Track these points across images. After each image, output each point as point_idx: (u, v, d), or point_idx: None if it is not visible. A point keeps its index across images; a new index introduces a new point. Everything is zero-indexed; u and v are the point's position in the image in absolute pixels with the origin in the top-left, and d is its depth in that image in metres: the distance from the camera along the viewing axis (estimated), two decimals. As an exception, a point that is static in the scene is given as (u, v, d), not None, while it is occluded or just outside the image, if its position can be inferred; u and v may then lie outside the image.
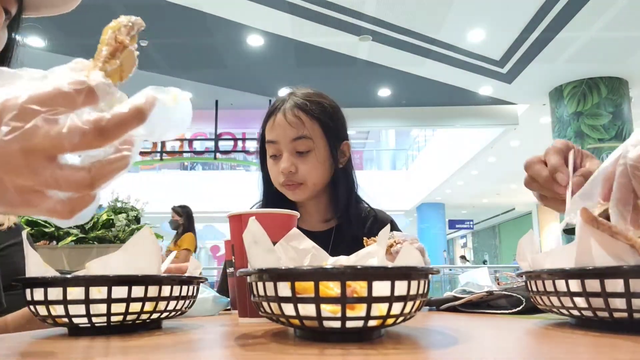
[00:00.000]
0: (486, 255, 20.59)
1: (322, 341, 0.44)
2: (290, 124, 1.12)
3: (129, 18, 0.41)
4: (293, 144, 1.12)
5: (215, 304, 0.93)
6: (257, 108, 7.81)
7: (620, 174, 0.52)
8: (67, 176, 0.35)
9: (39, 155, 0.33)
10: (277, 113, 1.14)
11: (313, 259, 0.57)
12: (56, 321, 0.54)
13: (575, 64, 6.16)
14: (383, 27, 5.55)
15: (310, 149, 1.13)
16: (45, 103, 0.33)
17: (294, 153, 1.13)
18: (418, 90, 7.36)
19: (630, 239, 0.45)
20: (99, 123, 0.34)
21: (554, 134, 6.74)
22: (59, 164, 0.34)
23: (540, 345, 0.44)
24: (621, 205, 0.52)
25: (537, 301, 0.56)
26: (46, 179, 0.34)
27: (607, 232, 0.47)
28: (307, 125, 1.13)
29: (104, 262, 0.59)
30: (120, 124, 0.35)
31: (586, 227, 0.48)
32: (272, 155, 1.15)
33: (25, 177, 0.34)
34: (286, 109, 1.13)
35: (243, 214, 0.73)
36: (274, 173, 1.16)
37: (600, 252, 0.48)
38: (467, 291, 0.86)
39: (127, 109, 0.35)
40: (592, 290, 0.46)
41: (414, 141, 15.54)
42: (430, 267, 0.45)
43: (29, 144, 0.33)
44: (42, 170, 0.34)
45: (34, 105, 0.33)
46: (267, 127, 1.16)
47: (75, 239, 2.10)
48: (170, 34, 5.81)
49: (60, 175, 0.34)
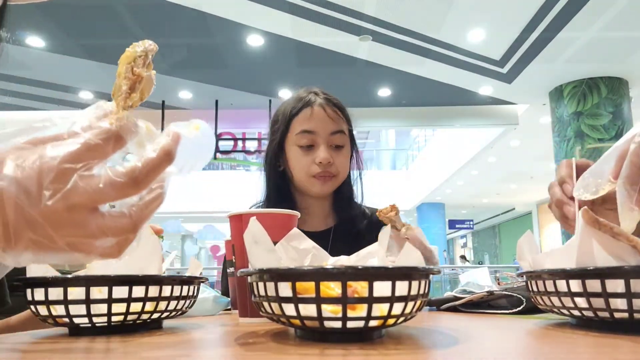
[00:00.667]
0: (486, 255, 20.59)
1: (322, 341, 0.44)
2: (330, 117, 1.15)
3: (143, 45, 0.42)
4: (331, 137, 1.15)
5: (215, 304, 0.93)
6: (257, 108, 7.80)
7: (632, 152, 0.51)
8: (111, 225, 0.37)
9: (82, 210, 0.36)
10: (313, 106, 1.16)
11: (314, 259, 0.57)
12: (57, 321, 0.54)
13: (575, 64, 6.16)
14: (383, 27, 5.54)
15: (344, 144, 1.18)
16: (79, 159, 0.35)
17: (330, 146, 1.16)
18: (418, 90, 7.36)
19: (632, 240, 0.45)
20: (133, 174, 0.36)
21: (554, 134, 6.74)
22: (102, 213, 0.37)
23: (540, 345, 0.44)
24: (628, 184, 0.51)
25: (538, 301, 0.56)
26: (92, 231, 0.36)
27: (608, 232, 0.47)
28: (342, 122, 1.18)
29: (105, 262, 0.59)
30: (152, 170, 0.37)
31: (587, 228, 0.48)
32: (305, 146, 1.15)
33: (73, 231, 0.36)
34: (323, 103, 1.16)
35: (244, 214, 0.73)
36: (304, 163, 1.15)
37: (602, 253, 0.48)
38: (467, 291, 0.86)
39: (156, 154, 0.37)
40: (593, 291, 0.46)
41: (414, 141, 15.53)
42: (431, 267, 0.45)
43: (71, 202, 0.35)
44: (87, 223, 0.36)
45: (68, 164, 0.35)
46: (301, 118, 1.16)
47: (76, 239, 2.10)
48: (170, 34, 5.81)
49: (104, 224, 0.37)
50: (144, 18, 5.45)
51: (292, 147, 1.17)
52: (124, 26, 5.50)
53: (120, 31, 5.63)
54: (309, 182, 1.16)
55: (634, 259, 0.46)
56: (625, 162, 0.51)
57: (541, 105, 7.26)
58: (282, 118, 1.19)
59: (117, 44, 6.03)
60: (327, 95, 1.20)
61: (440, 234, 14.82)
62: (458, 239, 24.32)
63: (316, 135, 1.15)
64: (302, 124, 1.15)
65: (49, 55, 6.10)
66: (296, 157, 1.16)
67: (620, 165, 0.53)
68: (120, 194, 0.36)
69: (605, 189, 0.54)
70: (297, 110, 1.17)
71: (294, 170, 1.18)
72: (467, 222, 17.89)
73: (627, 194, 0.50)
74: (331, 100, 1.19)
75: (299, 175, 1.17)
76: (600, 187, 0.54)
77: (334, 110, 1.17)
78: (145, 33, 5.73)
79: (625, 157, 0.52)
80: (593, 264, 0.48)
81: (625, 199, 0.50)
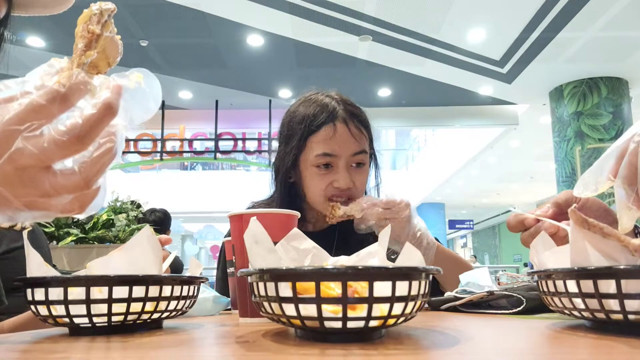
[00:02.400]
0: (486, 255, 20.59)
1: (323, 341, 0.44)
2: (354, 137, 1.06)
3: (99, 4, 0.42)
4: (352, 158, 1.06)
5: (215, 304, 0.93)
6: (257, 108, 7.80)
7: (631, 152, 0.50)
8: (63, 183, 0.37)
9: (32, 170, 0.36)
10: (335, 123, 1.05)
11: (314, 259, 0.57)
12: (57, 321, 0.54)
13: (576, 64, 6.16)
14: (383, 27, 5.54)
15: (365, 162, 1.10)
16: (23, 121, 0.36)
17: (350, 166, 1.07)
18: (418, 90, 7.36)
19: (622, 240, 0.45)
20: (74, 131, 0.36)
21: (554, 134, 6.74)
22: (54, 172, 0.37)
23: (541, 345, 0.44)
24: (627, 184, 0.50)
25: (547, 302, 0.54)
26: (46, 190, 0.37)
27: (598, 233, 0.47)
28: (365, 140, 1.09)
29: (105, 262, 0.59)
30: (94, 125, 0.37)
31: (578, 229, 0.48)
32: (322, 165, 1.05)
33: (27, 191, 0.37)
34: (346, 118, 1.06)
35: (244, 214, 0.73)
36: (321, 184, 1.06)
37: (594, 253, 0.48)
38: (467, 291, 0.85)
39: (97, 109, 0.37)
40: (588, 291, 0.45)
41: (414, 141, 15.53)
42: (432, 267, 0.45)
43: (19, 163, 0.36)
44: (39, 183, 0.37)
45: (13, 126, 0.35)
46: (321, 138, 1.05)
47: (75, 239, 2.10)
48: (170, 34, 5.81)
49: (56, 183, 0.37)
50: (144, 18, 5.45)
51: (309, 166, 1.07)
52: (124, 26, 5.50)
53: (121, 31, 5.60)
54: (324, 205, 1.07)
55: (625, 258, 0.46)
56: (624, 161, 0.51)
57: (541, 105, 7.26)
58: (299, 131, 1.07)
59: (117, 44, 6.04)
60: (347, 103, 1.09)
61: (440, 234, 14.82)
62: (458, 239, 24.32)
63: (337, 157, 1.05)
64: (322, 145, 1.04)
65: (49, 55, 6.09)
66: (312, 177, 1.07)
67: (619, 163, 0.52)
68: (66, 152, 0.36)
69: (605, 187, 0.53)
70: (317, 125, 1.05)
71: (309, 191, 1.09)
72: (467, 222, 17.89)
73: (625, 193, 0.50)
74: (355, 113, 1.08)
75: (314, 196, 1.08)
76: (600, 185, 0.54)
77: (357, 127, 1.06)
78: (145, 33, 5.73)
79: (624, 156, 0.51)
80: (587, 264, 0.48)
81: (623, 198, 0.50)
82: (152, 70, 0.90)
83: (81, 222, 2.18)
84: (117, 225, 2.21)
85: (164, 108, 7.71)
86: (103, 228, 2.18)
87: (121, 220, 2.21)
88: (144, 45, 5.99)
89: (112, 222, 2.21)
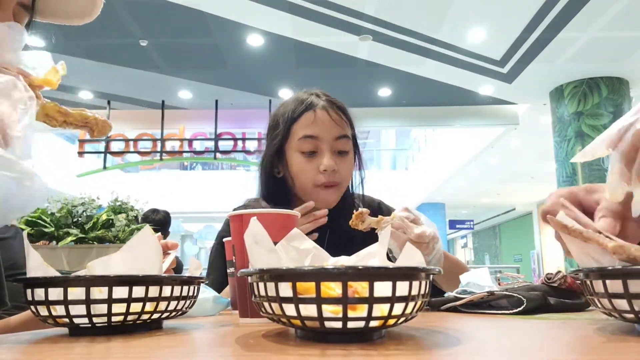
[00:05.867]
0: (486, 255, 20.59)
1: (323, 342, 0.44)
2: (335, 121, 1.10)
3: None
4: (335, 142, 1.10)
5: (215, 304, 0.93)
6: (257, 108, 7.80)
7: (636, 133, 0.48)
8: None
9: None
10: (315, 109, 1.10)
11: (314, 259, 0.57)
12: (57, 321, 0.54)
13: (576, 64, 6.16)
14: (383, 27, 5.54)
15: (348, 150, 1.13)
16: None
17: (334, 152, 1.11)
18: (418, 90, 7.36)
19: (602, 243, 0.45)
20: None
21: (555, 133, 6.74)
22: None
23: (540, 346, 0.44)
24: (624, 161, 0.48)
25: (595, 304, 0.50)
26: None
27: (579, 237, 0.47)
28: (346, 126, 1.13)
29: (105, 262, 0.59)
30: None
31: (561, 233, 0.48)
32: (308, 152, 1.10)
33: None
34: (326, 106, 1.11)
35: (244, 214, 0.73)
36: (309, 172, 1.10)
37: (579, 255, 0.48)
38: (468, 291, 0.85)
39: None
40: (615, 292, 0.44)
41: (414, 141, 15.53)
42: (432, 268, 0.45)
43: None
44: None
45: None
46: (303, 122, 1.10)
47: (75, 239, 2.10)
48: (170, 34, 5.81)
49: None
50: (144, 18, 5.45)
51: (294, 153, 1.11)
52: (124, 26, 5.50)
53: (120, 31, 5.63)
54: (314, 192, 1.10)
55: (607, 260, 0.46)
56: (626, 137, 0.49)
57: (542, 105, 7.26)
58: (282, 122, 1.13)
59: (117, 44, 6.04)
60: (329, 97, 1.15)
61: (440, 235, 14.68)
62: (458, 239, 24.32)
63: (319, 140, 1.09)
64: (304, 129, 1.09)
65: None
66: (299, 164, 1.11)
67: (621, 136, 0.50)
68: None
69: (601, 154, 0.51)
70: (299, 113, 1.11)
71: (297, 179, 1.12)
72: (467, 222, 17.88)
73: (619, 167, 0.48)
74: (334, 102, 1.14)
75: (303, 184, 1.12)
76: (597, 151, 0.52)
77: (337, 114, 1.11)
78: (145, 33, 5.73)
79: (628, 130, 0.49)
80: (589, 264, 0.48)
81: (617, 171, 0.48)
82: (152, 70, 0.90)
83: (81, 222, 2.18)
84: (117, 225, 2.21)
85: (164, 108, 7.71)
86: (103, 228, 2.18)
87: (121, 220, 2.21)
88: (144, 45, 5.99)
89: (112, 222, 2.21)
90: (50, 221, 2.13)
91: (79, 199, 2.25)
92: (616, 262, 0.45)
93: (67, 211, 2.17)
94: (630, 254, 0.42)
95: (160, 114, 7.70)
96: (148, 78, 6.82)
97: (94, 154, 8.28)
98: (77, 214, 2.19)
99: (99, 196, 2.35)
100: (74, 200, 2.23)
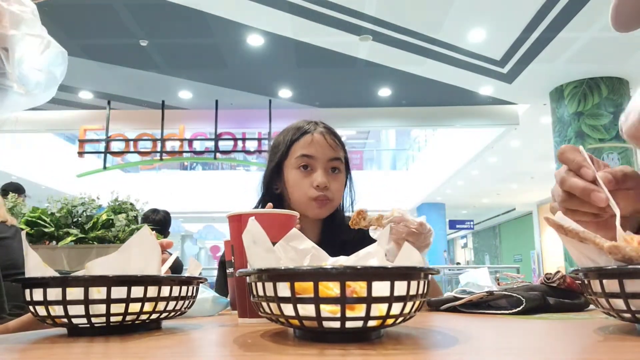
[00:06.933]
0: (486, 255, 20.58)
1: (321, 341, 0.44)
2: (330, 144, 1.24)
3: None
4: (329, 163, 1.23)
5: (214, 304, 0.93)
6: (257, 108, 7.80)
7: None
8: None
9: None
10: (313, 133, 1.24)
11: (313, 259, 0.57)
12: (55, 321, 0.54)
13: (576, 64, 6.15)
14: (383, 27, 5.54)
15: (340, 170, 1.26)
16: None
17: (328, 171, 1.23)
18: (418, 90, 7.35)
19: (597, 243, 0.45)
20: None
21: (555, 134, 6.74)
22: None
23: (540, 346, 0.44)
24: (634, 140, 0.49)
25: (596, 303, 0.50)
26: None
27: (575, 238, 0.47)
28: (340, 151, 1.26)
29: (104, 263, 0.59)
30: None
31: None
32: (303, 166, 1.22)
33: None
34: (323, 132, 1.25)
35: (243, 214, 0.73)
36: (304, 187, 1.21)
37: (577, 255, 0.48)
38: (467, 291, 0.85)
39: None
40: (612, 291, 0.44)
41: (414, 141, 15.53)
42: (431, 267, 0.45)
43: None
44: None
45: None
46: (302, 144, 1.24)
47: (75, 239, 2.10)
48: (170, 34, 5.81)
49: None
50: (144, 18, 5.45)
51: (292, 170, 1.23)
52: (124, 26, 5.50)
53: (120, 31, 5.63)
54: (307, 205, 1.21)
55: (603, 260, 0.46)
56: None
57: (542, 105, 7.25)
58: (283, 143, 1.26)
59: (117, 44, 6.04)
60: (326, 125, 1.29)
61: (440, 235, 14.81)
62: (458, 239, 24.31)
63: (315, 160, 1.22)
64: (302, 149, 1.23)
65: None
66: (295, 179, 1.22)
67: None
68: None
69: None
70: (298, 136, 1.25)
71: (292, 193, 1.23)
72: (467, 222, 17.87)
73: None
74: (331, 130, 1.28)
75: (297, 197, 1.22)
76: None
77: (333, 139, 1.25)
78: (145, 33, 5.73)
79: None
80: (588, 264, 0.48)
81: None
82: (152, 70, 0.91)
83: (81, 222, 2.18)
84: (116, 225, 2.20)
85: (164, 108, 7.71)
86: (103, 228, 2.18)
87: (121, 220, 2.21)
88: (143, 45, 5.98)
89: (112, 222, 2.21)
90: (50, 221, 2.13)
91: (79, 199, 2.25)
92: (612, 262, 0.45)
93: (67, 211, 2.17)
94: (626, 254, 0.42)
95: (160, 114, 7.70)
96: (148, 78, 6.81)
97: (94, 154, 8.27)
98: (77, 214, 2.19)
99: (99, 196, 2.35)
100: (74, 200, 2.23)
